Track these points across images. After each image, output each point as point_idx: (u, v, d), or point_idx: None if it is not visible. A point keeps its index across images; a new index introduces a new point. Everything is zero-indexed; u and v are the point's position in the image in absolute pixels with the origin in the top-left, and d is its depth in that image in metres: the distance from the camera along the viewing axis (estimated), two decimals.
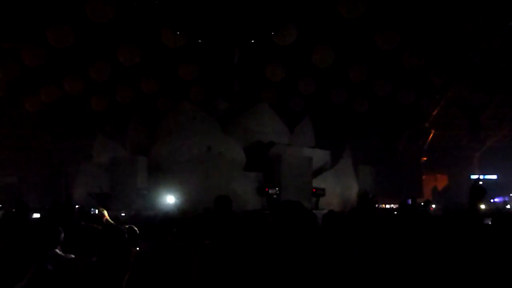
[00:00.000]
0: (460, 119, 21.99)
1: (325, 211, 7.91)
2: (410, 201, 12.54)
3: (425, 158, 23.66)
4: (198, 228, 3.43)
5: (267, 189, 12.99)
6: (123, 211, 9.65)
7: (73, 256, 3.97)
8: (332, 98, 16.62)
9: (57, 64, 14.91)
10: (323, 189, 13.81)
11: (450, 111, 21.54)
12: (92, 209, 10.05)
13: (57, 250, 4.01)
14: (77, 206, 10.96)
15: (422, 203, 14.84)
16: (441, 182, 23.35)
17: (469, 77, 16.79)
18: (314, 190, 13.70)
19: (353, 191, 15.66)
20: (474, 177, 20.38)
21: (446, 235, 3.49)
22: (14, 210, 8.90)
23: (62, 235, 4.08)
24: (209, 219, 4.35)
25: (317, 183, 14.16)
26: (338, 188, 15.02)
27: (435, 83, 16.49)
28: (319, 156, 15.44)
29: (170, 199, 10.28)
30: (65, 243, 4.21)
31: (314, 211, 8.34)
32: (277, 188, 12.92)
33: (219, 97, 16.45)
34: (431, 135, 23.09)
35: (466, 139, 22.77)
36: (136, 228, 4.73)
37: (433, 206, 15.27)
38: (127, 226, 4.56)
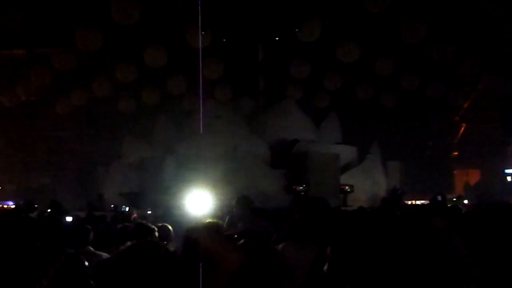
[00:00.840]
0: (492, 112, 21.37)
1: (353, 208, 7.84)
2: (440, 198, 12.25)
3: (456, 153, 23.11)
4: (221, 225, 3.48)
5: (294, 187, 12.95)
6: (149, 210, 9.80)
7: (106, 254, 4.08)
8: (358, 94, 16.42)
9: (86, 67, 15.27)
10: (351, 186, 13.67)
11: (481, 103, 20.97)
12: (123, 206, 10.31)
13: (90, 248, 4.12)
14: (111, 206, 11.20)
15: (454, 199, 14.49)
16: (474, 177, 22.75)
17: (500, 68, 16.28)
18: (342, 187, 13.58)
19: (382, 187, 15.43)
20: (508, 171, 19.78)
21: (478, 231, 3.40)
22: (49, 210, 9.19)
23: (92, 233, 4.19)
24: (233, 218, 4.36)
25: (345, 179, 14.03)
26: (366, 184, 14.83)
27: (465, 75, 16.05)
28: (346, 152, 15.28)
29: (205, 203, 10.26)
30: (98, 241, 4.33)
31: (342, 208, 8.26)
32: (304, 185, 12.86)
33: (244, 95, 16.49)
34: (462, 128, 22.53)
35: (499, 132, 22.10)
36: (169, 226, 4.74)
37: (466, 201, 14.89)
38: (160, 225, 4.59)
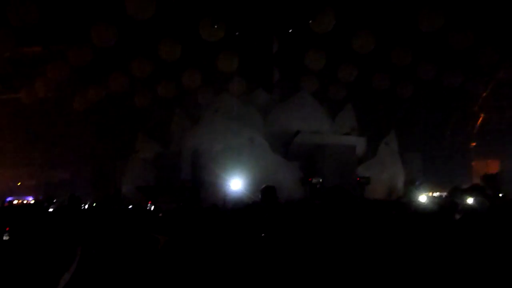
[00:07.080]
0: (511, 101, 20.93)
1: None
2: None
3: (474, 144, 22.72)
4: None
5: (310, 179, 12.89)
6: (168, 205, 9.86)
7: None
8: (374, 84, 16.23)
9: (101, 63, 15.39)
10: (368, 178, 13.55)
11: (501, 92, 20.53)
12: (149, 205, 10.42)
13: None
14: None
15: None
16: (493, 168, 22.33)
17: None
18: (358, 179, 13.47)
19: (400, 179, 15.27)
20: None
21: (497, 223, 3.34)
22: (67, 204, 9.34)
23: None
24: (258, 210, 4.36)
25: (360, 171, 13.91)
26: (384, 176, 14.69)
27: (483, 64, 15.74)
28: (356, 143, 15.08)
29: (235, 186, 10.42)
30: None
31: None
32: (320, 178, 12.79)
33: (259, 87, 16.45)
34: (481, 119, 22.11)
35: None
36: None
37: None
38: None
